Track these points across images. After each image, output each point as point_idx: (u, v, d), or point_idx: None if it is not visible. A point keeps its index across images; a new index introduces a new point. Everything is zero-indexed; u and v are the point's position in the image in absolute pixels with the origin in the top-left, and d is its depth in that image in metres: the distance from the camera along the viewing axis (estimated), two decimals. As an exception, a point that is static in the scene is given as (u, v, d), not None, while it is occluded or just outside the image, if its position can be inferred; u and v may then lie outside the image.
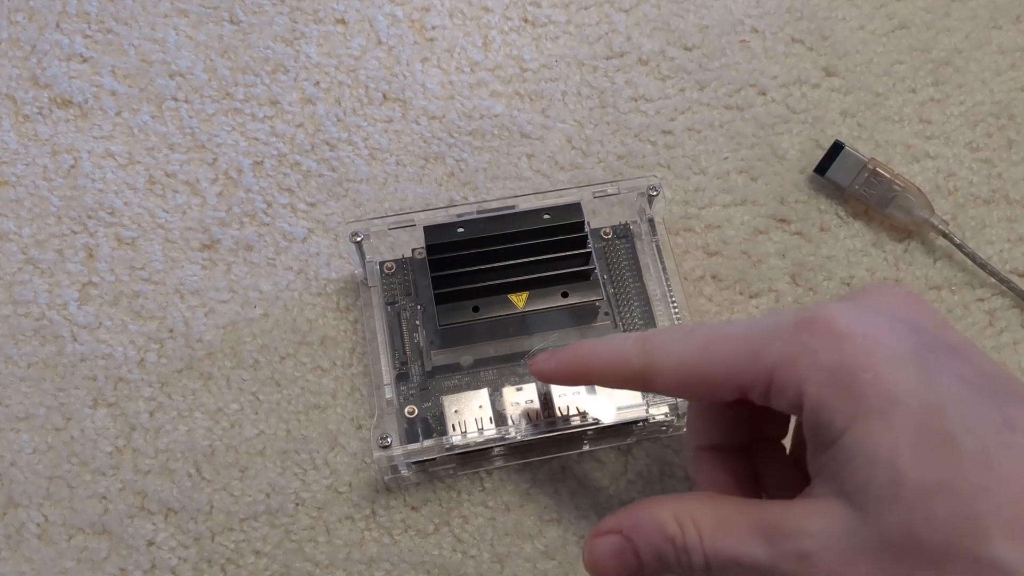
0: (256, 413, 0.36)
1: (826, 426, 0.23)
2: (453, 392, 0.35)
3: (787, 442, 0.30)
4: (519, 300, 0.36)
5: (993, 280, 0.39)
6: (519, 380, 0.35)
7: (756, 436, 0.29)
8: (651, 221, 0.38)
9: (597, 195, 0.38)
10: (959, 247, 0.39)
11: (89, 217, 0.39)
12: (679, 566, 0.25)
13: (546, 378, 0.30)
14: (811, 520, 0.23)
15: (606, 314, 0.37)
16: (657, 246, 0.38)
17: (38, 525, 0.35)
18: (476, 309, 0.36)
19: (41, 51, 0.43)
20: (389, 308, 0.37)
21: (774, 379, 0.24)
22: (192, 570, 0.34)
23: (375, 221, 0.37)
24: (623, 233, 0.39)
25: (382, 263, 0.38)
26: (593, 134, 0.42)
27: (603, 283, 0.37)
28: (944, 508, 0.21)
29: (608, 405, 0.34)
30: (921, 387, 0.22)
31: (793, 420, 0.30)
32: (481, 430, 0.33)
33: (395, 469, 0.34)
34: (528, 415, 0.34)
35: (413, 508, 0.35)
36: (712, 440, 0.29)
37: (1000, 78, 0.44)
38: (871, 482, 0.22)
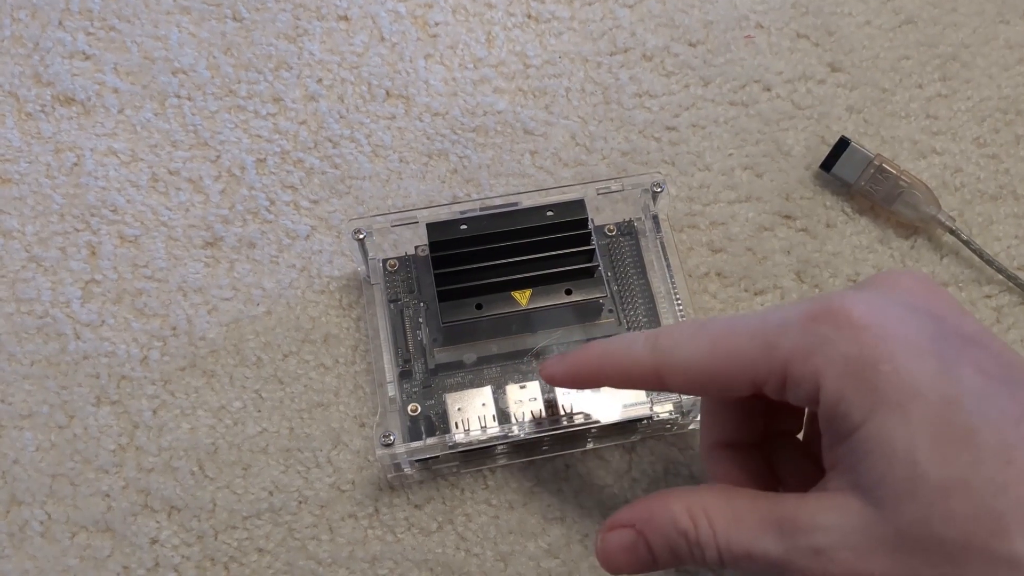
0: (259, 411, 0.36)
1: (843, 418, 0.23)
2: (456, 390, 0.35)
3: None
4: (522, 297, 0.36)
5: (1000, 276, 0.39)
6: (522, 378, 0.35)
7: (771, 431, 0.29)
8: (655, 218, 0.38)
9: (601, 192, 0.38)
10: (966, 243, 0.39)
11: (92, 215, 0.39)
12: (692, 560, 0.25)
13: (558, 382, 0.30)
14: (826, 514, 0.23)
15: (610, 311, 0.37)
16: (661, 243, 0.38)
17: (41, 523, 0.35)
18: (479, 306, 0.35)
19: (44, 48, 0.43)
20: (392, 305, 0.37)
21: (789, 372, 0.24)
22: (195, 568, 0.34)
23: (378, 218, 0.37)
24: (627, 230, 0.39)
25: (385, 260, 0.38)
26: (597, 130, 0.42)
27: (607, 280, 0.37)
28: (963, 504, 0.21)
29: (612, 403, 0.33)
30: (940, 379, 0.22)
31: (807, 411, 0.29)
32: (484, 428, 0.33)
33: (398, 467, 0.34)
34: (531, 413, 0.34)
35: (416, 506, 0.35)
36: (726, 436, 0.29)
37: (1007, 73, 0.43)
38: (888, 477, 0.22)
